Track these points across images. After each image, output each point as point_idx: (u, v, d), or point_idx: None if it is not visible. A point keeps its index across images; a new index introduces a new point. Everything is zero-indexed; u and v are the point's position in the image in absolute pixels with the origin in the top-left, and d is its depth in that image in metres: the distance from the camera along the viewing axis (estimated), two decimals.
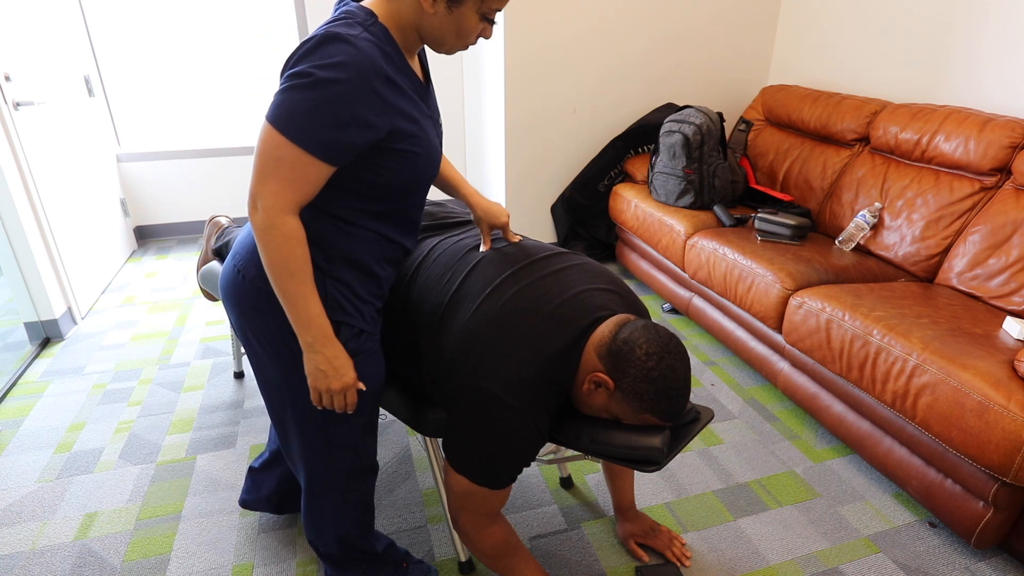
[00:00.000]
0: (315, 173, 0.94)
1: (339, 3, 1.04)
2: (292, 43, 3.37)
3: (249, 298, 1.07)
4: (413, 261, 1.32)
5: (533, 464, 1.79)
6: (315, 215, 1.03)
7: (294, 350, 1.07)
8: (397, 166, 1.01)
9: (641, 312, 1.25)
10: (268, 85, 3.46)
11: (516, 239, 1.30)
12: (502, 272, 1.19)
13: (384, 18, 0.98)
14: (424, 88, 1.07)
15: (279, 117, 0.90)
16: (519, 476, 1.73)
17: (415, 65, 1.07)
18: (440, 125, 1.15)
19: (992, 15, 2.15)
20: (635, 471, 1.53)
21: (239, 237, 1.14)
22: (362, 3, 1.00)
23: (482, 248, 1.25)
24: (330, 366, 1.03)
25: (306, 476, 1.22)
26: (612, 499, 1.54)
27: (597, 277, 1.23)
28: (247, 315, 1.09)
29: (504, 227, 1.29)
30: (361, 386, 1.09)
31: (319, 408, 1.11)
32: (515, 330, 1.09)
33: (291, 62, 0.92)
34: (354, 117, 0.91)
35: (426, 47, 1.14)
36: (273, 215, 0.93)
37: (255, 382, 2.17)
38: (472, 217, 1.48)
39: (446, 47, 1.03)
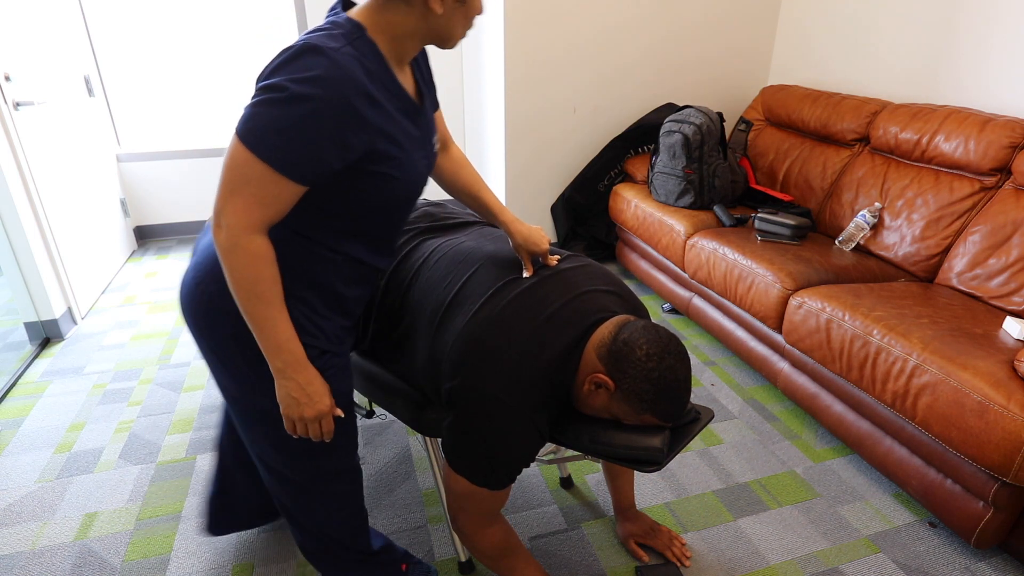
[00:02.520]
0: (285, 192, 0.88)
1: (331, 11, 0.97)
2: (291, 42, 3.37)
3: (209, 316, 1.00)
4: (414, 263, 1.32)
5: (533, 464, 1.79)
6: (279, 233, 0.96)
7: (261, 374, 1.00)
8: (373, 188, 0.95)
9: (641, 313, 1.25)
10: None
11: (554, 261, 1.25)
12: (502, 277, 1.19)
13: (374, 31, 0.92)
14: (415, 107, 0.99)
15: (249, 132, 0.84)
16: (519, 476, 1.73)
17: (406, 81, 1.00)
18: (433, 146, 1.07)
19: (992, 15, 2.15)
20: (635, 471, 1.53)
21: (201, 245, 1.05)
22: (351, 13, 0.93)
23: (525, 274, 1.19)
24: (303, 393, 0.97)
25: (287, 489, 1.16)
26: (612, 499, 1.54)
27: (598, 279, 1.23)
28: (206, 333, 1.02)
29: (544, 253, 1.23)
30: (339, 412, 1.03)
31: (294, 437, 1.05)
32: (516, 331, 1.09)
33: (266, 72, 0.86)
34: (329, 136, 0.85)
35: (430, 65, 1.10)
36: (238, 234, 0.87)
37: None
38: (475, 218, 1.48)
39: (456, 40, 0.98)
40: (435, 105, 1.13)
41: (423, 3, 0.90)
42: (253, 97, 0.86)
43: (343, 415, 1.06)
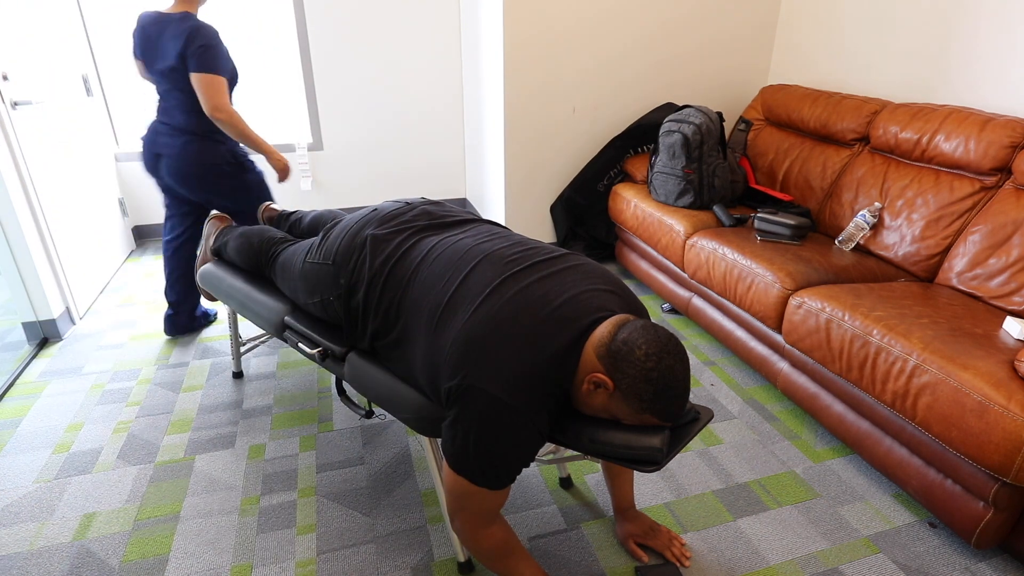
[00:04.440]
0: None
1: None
2: (291, 42, 3.37)
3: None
4: (412, 261, 1.32)
5: (533, 464, 1.79)
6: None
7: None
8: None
9: (640, 312, 1.25)
10: (267, 84, 3.45)
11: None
12: (502, 273, 1.19)
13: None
14: None
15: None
16: (518, 476, 1.73)
17: None
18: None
19: (992, 14, 2.14)
20: (635, 471, 1.53)
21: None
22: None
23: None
24: None
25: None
26: (612, 499, 1.54)
27: (597, 278, 1.22)
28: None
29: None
30: None
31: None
32: (514, 330, 1.09)
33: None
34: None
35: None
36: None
37: (253, 383, 2.16)
38: (473, 216, 1.48)
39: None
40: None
41: None
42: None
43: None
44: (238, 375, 2.20)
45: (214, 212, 2.09)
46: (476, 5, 3.14)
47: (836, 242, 2.31)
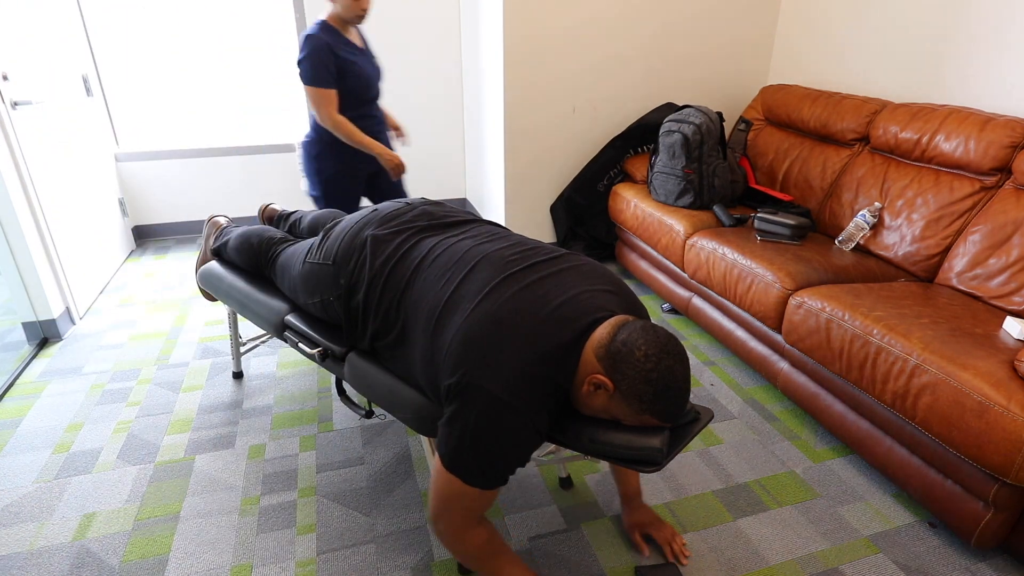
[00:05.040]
0: None
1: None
2: (290, 41, 3.37)
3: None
4: (412, 262, 1.32)
5: (533, 464, 1.78)
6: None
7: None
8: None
9: (640, 313, 1.25)
10: (266, 83, 3.45)
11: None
12: (501, 273, 1.19)
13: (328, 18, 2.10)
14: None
15: None
16: (513, 477, 1.73)
17: (353, 36, 2.19)
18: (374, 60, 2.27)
19: (992, 14, 2.14)
20: (634, 470, 1.53)
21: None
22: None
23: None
24: None
25: None
26: (618, 489, 1.55)
27: (597, 278, 1.22)
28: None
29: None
30: None
31: None
32: (514, 329, 1.09)
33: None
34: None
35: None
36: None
37: (253, 382, 2.16)
38: (473, 217, 1.48)
39: (349, 18, 2.10)
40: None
41: None
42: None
43: None
44: (238, 375, 2.20)
45: (212, 216, 2.10)
46: (476, 5, 3.14)
47: (836, 242, 2.31)
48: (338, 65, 2.09)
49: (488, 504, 1.17)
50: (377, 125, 2.33)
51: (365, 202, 3.45)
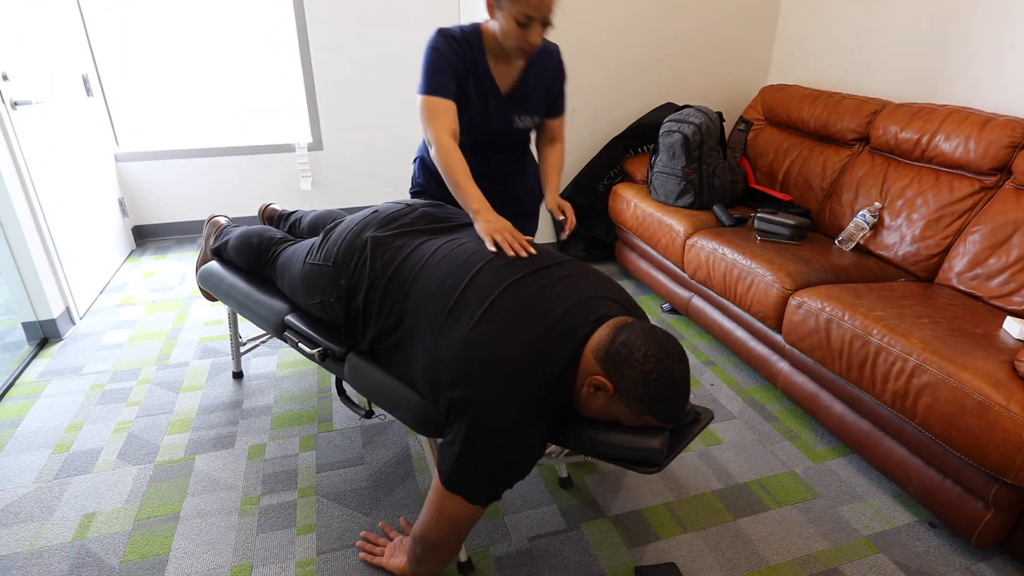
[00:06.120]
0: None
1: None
2: (290, 42, 3.36)
3: None
4: (415, 265, 1.31)
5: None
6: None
7: None
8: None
9: (640, 318, 1.25)
10: (266, 83, 3.45)
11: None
12: (503, 281, 1.18)
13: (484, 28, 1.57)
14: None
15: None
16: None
17: (503, 72, 1.62)
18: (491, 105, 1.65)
19: (992, 14, 2.14)
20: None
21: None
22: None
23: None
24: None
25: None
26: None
27: (599, 287, 1.23)
28: None
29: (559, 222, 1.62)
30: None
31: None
32: (517, 343, 1.09)
33: None
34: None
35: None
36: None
37: (253, 382, 2.16)
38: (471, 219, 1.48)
39: (508, 46, 1.48)
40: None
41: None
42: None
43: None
44: (238, 375, 2.20)
45: (212, 216, 2.10)
46: (476, 5, 3.14)
47: (836, 242, 2.31)
48: (459, 85, 1.56)
49: (476, 521, 1.18)
50: (496, 187, 1.76)
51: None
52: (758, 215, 2.31)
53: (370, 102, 3.55)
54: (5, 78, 2.22)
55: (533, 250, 1.30)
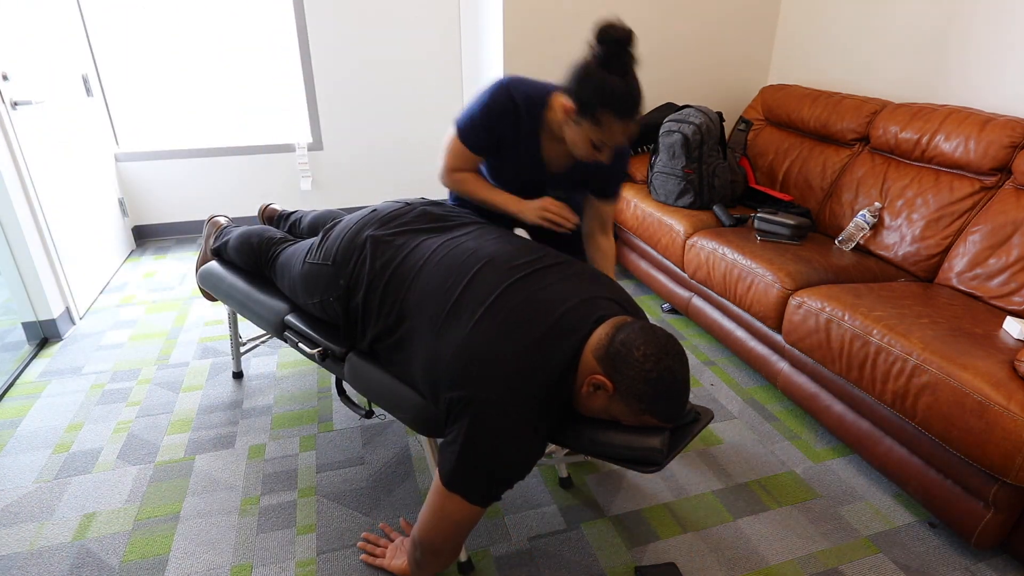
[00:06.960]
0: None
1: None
2: (290, 42, 3.36)
3: None
4: (415, 264, 1.31)
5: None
6: None
7: None
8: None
9: (639, 316, 1.25)
10: (266, 83, 3.45)
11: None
12: (503, 281, 1.18)
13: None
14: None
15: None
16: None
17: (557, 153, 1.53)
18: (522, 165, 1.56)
19: (992, 14, 2.14)
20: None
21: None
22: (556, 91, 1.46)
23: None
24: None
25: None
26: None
27: (599, 287, 1.23)
28: None
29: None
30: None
31: None
32: (517, 345, 1.09)
33: None
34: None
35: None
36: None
37: (253, 382, 2.16)
38: (473, 219, 1.48)
39: (576, 152, 1.40)
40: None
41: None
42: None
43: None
44: (238, 375, 2.20)
45: (212, 216, 2.10)
46: (476, 4, 3.14)
47: (836, 242, 2.31)
48: (500, 142, 1.50)
49: (476, 522, 1.18)
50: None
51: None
52: (758, 215, 2.31)
53: (370, 102, 3.55)
54: (5, 78, 2.22)
55: (576, 218, 1.49)
